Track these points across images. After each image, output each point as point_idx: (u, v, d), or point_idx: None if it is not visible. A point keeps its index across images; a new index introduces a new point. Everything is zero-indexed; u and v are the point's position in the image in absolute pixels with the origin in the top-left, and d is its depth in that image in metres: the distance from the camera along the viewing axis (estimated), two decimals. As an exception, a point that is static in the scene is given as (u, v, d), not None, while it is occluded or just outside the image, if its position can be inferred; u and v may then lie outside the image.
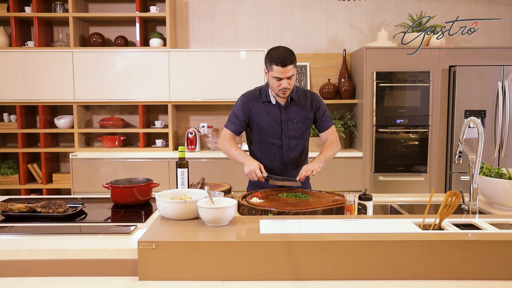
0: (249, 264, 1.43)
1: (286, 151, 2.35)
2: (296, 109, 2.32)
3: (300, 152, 2.39)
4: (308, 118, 2.35)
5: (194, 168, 3.25)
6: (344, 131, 4.21)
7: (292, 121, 2.32)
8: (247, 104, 2.33)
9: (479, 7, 4.46)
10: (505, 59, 3.96)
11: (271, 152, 2.35)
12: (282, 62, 2.12)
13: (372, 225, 1.62)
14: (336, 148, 2.36)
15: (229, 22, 4.46)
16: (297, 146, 2.36)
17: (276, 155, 2.36)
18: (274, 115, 2.31)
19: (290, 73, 2.15)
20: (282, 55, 2.13)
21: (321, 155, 2.30)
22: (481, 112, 3.93)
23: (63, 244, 1.55)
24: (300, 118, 2.33)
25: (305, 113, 2.34)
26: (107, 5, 4.39)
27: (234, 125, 2.35)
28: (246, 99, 2.34)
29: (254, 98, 2.34)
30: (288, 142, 2.34)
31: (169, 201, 1.70)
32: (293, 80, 2.20)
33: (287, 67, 2.13)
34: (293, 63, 2.16)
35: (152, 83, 4.10)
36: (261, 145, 2.37)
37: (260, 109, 2.32)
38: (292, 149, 2.35)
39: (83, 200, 2.24)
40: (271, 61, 2.16)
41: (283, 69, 2.13)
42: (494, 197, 2.06)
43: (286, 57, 2.12)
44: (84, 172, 3.98)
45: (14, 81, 4.07)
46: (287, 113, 2.31)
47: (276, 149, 2.35)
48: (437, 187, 4.06)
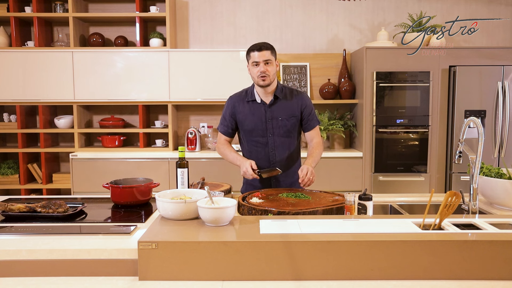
0: (249, 264, 1.43)
1: (271, 149, 2.37)
2: (281, 107, 2.37)
3: (288, 151, 2.40)
4: (294, 116, 2.38)
5: (194, 168, 3.25)
6: (344, 131, 4.21)
7: (277, 118, 2.36)
8: (233, 105, 2.42)
9: (479, 7, 4.46)
10: (505, 59, 3.96)
11: (258, 150, 2.39)
12: (258, 47, 2.27)
13: (372, 225, 1.62)
14: (321, 150, 2.45)
15: (229, 22, 4.46)
16: (283, 144, 2.38)
17: (262, 154, 2.39)
18: (258, 113, 2.37)
19: (267, 57, 2.26)
20: (259, 43, 2.29)
21: (311, 159, 2.32)
22: (481, 112, 3.93)
23: (63, 244, 1.55)
24: (285, 116, 2.36)
25: (290, 111, 2.37)
26: (107, 5, 4.39)
27: (223, 126, 2.46)
28: (232, 100, 2.44)
29: (239, 98, 2.43)
30: (274, 140, 2.37)
31: (169, 201, 1.70)
32: (271, 69, 2.28)
33: (262, 51, 2.25)
34: (269, 49, 2.28)
35: (152, 83, 4.10)
36: (248, 144, 2.43)
37: (245, 109, 2.39)
38: (278, 147, 2.37)
39: (83, 200, 2.24)
40: (249, 51, 2.30)
41: (259, 53, 2.25)
42: (494, 197, 2.06)
43: (262, 44, 2.28)
44: (84, 172, 3.98)
45: (14, 81, 4.07)
46: (272, 111, 2.36)
47: (261, 147, 2.38)
48: (437, 187, 4.06)
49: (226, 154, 2.42)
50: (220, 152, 2.46)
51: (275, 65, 2.32)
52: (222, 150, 2.45)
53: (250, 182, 2.41)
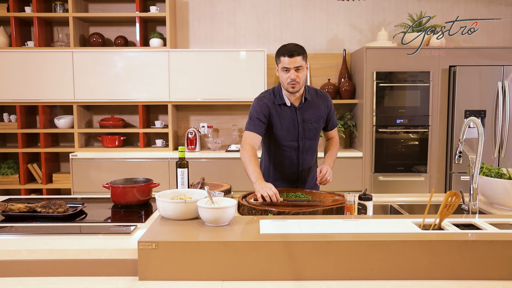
0: (249, 264, 1.43)
1: (302, 153, 2.34)
2: (310, 110, 2.32)
3: (312, 152, 2.40)
4: (322, 117, 2.36)
5: (194, 168, 3.25)
6: (344, 131, 4.21)
7: (307, 122, 2.31)
8: (267, 106, 2.27)
9: (479, 7, 4.45)
10: (505, 59, 3.96)
11: (287, 155, 2.33)
12: (289, 52, 2.16)
13: (372, 225, 1.62)
14: (338, 148, 2.49)
15: (229, 22, 4.46)
16: (311, 147, 2.37)
17: (293, 158, 2.34)
18: (290, 117, 2.29)
19: (298, 64, 2.16)
20: (290, 47, 2.19)
21: (330, 160, 2.37)
22: (481, 112, 3.93)
23: (63, 244, 1.55)
24: (314, 119, 2.32)
25: (319, 113, 2.34)
26: (107, 5, 4.39)
27: (257, 126, 2.24)
28: (265, 101, 2.29)
29: (270, 100, 2.30)
30: (304, 143, 2.33)
31: (169, 201, 1.70)
32: (302, 75, 2.19)
33: (294, 57, 2.15)
34: (301, 55, 2.17)
35: (152, 83, 4.10)
36: (277, 149, 2.34)
37: (277, 112, 2.29)
38: (307, 150, 2.35)
39: (83, 200, 2.24)
40: (279, 54, 2.20)
41: (290, 59, 2.15)
42: (494, 197, 2.06)
43: (294, 48, 2.17)
44: (84, 172, 3.98)
45: (14, 81, 4.07)
46: (302, 114, 2.30)
47: (293, 152, 2.33)
48: (437, 187, 4.06)
49: (250, 163, 2.12)
50: (244, 157, 2.16)
51: (306, 70, 2.23)
52: (247, 157, 2.14)
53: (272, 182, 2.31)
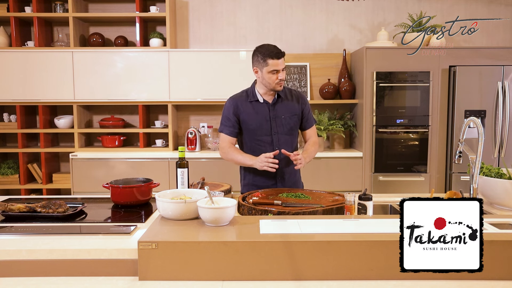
0: (249, 264, 1.43)
1: (276, 147, 2.38)
2: (283, 106, 2.41)
3: (291, 148, 2.44)
4: (296, 114, 2.44)
5: (194, 168, 3.25)
6: (344, 131, 4.21)
7: (280, 117, 2.40)
8: (236, 105, 2.41)
9: (479, 7, 4.45)
10: (505, 59, 3.96)
11: (262, 150, 2.38)
12: (277, 54, 2.26)
13: (372, 225, 1.62)
14: (317, 148, 2.49)
15: (229, 22, 4.46)
16: (287, 142, 2.42)
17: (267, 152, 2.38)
18: (262, 112, 2.39)
19: (284, 64, 2.31)
20: (274, 48, 2.29)
21: (306, 154, 2.37)
22: (481, 112, 3.93)
23: (63, 244, 1.55)
24: (288, 114, 2.41)
25: (292, 109, 2.43)
26: (107, 5, 4.39)
27: (228, 127, 2.41)
28: (234, 101, 2.43)
29: (241, 99, 2.43)
30: (278, 138, 2.40)
31: (169, 201, 1.70)
32: (285, 73, 2.34)
33: (281, 58, 2.28)
34: (284, 55, 2.31)
35: (152, 83, 4.10)
36: (252, 144, 2.42)
37: (248, 109, 2.40)
38: (282, 145, 2.40)
39: (83, 200, 2.24)
40: (265, 56, 2.28)
41: (278, 61, 2.26)
42: (494, 197, 2.06)
43: (278, 50, 2.28)
44: (84, 172, 3.98)
45: (14, 81, 4.07)
46: (275, 110, 2.40)
47: (267, 146, 2.39)
48: (437, 187, 4.06)
49: (234, 156, 2.35)
50: (227, 156, 2.37)
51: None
52: (229, 154, 2.36)
53: (252, 182, 2.42)
